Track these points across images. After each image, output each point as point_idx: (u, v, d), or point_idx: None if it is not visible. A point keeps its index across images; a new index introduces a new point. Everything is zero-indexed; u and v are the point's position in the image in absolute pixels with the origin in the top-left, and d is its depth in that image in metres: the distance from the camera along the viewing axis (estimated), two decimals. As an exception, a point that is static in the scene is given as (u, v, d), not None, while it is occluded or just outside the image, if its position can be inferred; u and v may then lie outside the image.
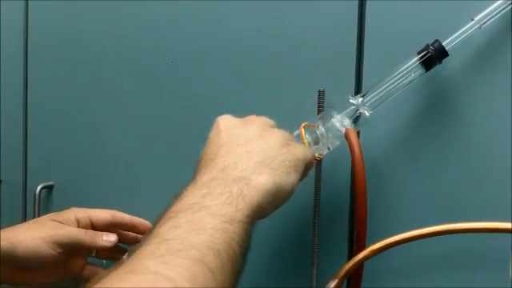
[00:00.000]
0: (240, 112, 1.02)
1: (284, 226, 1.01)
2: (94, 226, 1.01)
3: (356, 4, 0.95)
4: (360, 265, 0.85)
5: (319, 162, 0.95)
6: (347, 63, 0.96)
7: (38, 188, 1.15)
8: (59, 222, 0.98)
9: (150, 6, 1.08)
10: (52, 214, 1.01)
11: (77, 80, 1.15)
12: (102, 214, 1.01)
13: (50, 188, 1.17)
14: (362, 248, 0.85)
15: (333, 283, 0.84)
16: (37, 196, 1.15)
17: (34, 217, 1.15)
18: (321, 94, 0.96)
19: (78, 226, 0.99)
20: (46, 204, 1.17)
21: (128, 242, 1.04)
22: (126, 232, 1.04)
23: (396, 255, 0.90)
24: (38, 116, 1.18)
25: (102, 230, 1.00)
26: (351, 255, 0.95)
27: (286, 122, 0.93)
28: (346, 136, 0.88)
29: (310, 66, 0.98)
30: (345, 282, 0.88)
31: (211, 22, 1.04)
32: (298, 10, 0.98)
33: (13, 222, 1.18)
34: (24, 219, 1.19)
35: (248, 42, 1.02)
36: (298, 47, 0.99)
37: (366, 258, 0.84)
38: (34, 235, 0.95)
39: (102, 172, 1.13)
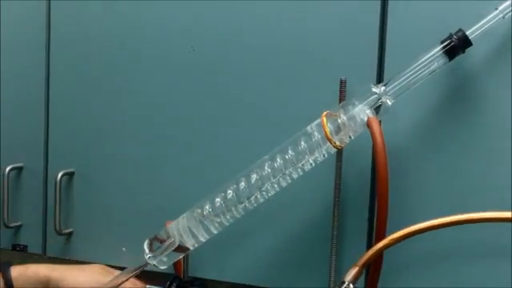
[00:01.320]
0: (264, 101, 1.03)
1: (304, 216, 1.01)
2: None
3: (379, -7, 0.95)
4: (380, 253, 0.86)
5: (340, 151, 0.95)
6: (369, 52, 0.96)
7: (59, 175, 1.16)
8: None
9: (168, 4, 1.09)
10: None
11: (98, 68, 1.15)
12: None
13: (70, 175, 1.17)
14: (383, 237, 0.85)
15: (353, 271, 0.84)
16: (57, 183, 1.15)
17: (54, 204, 1.16)
18: (342, 83, 0.96)
19: None
20: (66, 191, 1.17)
21: None
22: None
23: (416, 245, 0.91)
24: (60, 103, 1.19)
25: None
26: (370, 245, 0.95)
27: (307, 110, 0.93)
28: (368, 125, 0.88)
29: (331, 55, 0.98)
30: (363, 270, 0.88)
31: (237, 11, 1.04)
32: (321, -2, 0.98)
33: (34, 209, 1.20)
34: (45, 206, 1.20)
35: (272, 31, 1.02)
36: (321, 36, 0.99)
37: (386, 246, 0.84)
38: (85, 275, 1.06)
39: (123, 159, 1.14)
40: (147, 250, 0.97)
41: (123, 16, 1.13)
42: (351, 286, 0.82)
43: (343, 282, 0.83)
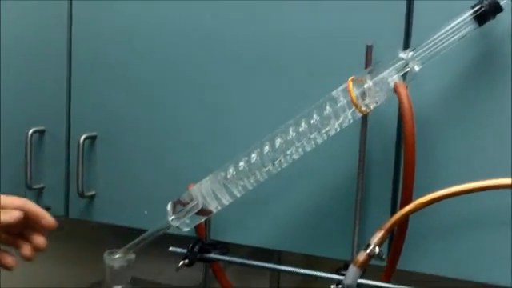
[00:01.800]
0: (290, 67, 1.02)
1: (328, 181, 1.01)
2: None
3: (407, -44, 0.94)
4: (406, 218, 0.86)
5: (365, 116, 0.95)
6: (396, 17, 0.95)
7: (82, 138, 1.16)
8: None
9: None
10: None
11: (122, 30, 1.15)
12: (14, 200, 0.98)
13: (93, 138, 1.18)
14: (409, 201, 0.85)
15: (379, 234, 0.84)
16: (80, 146, 1.16)
17: (77, 167, 1.17)
18: (369, 49, 0.95)
19: None
20: (89, 154, 1.18)
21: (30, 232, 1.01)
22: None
23: (440, 211, 0.91)
24: (82, 66, 1.19)
25: None
26: (394, 211, 0.96)
27: (334, 75, 0.93)
28: (396, 90, 0.87)
29: (358, 20, 0.97)
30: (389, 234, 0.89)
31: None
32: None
33: (56, 171, 1.21)
34: (67, 168, 1.20)
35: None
36: (348, 1, 0.98)
37: (412, 211, 0.84)
38: None
39: (145, 122, 1.14)
40: (170, 212, 0.97)
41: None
42: (377, 248, 0.82)
43: (368, 245, 0.83)
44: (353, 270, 0.82)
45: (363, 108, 0.91)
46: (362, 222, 0.97)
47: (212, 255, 1.06)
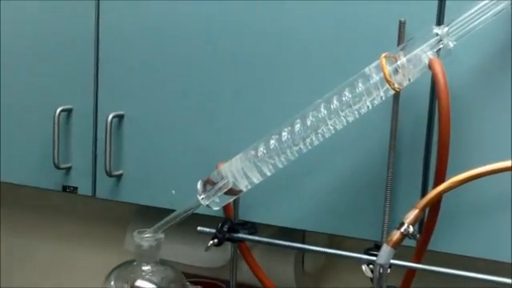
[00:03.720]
0: (322, 44, 1.01)
1: (358, 159, 1.00)
2: None
3: None
4: (440, 196, 0.84)
5: (397, 94, 0.93)
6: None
7: (109, 117, 1.16)
8: None
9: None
10: None
11: (149, 6, 1.14)
12: None
13: (120, 117, 1.17)
14: (443, 180, 0.84)
15: (413, 213, 0.83)
16: (108, 125, 1.16)
17: (105, 146, 1.17)
18: (402, 25, 0.93)
19: None
20: (116, 133, 1.18)
21: None
22: None
23: (473, 190, 0.89)
24: (109, 44, 1.18)
25: None
26: (425, 190, 0.94)
27: (366, 52, 0.91)
28: (430, 66, 0.86)
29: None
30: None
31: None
32: None
33: (83, 151, 1.21)
34: (94, 148, 1.20)
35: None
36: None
37: (446, 189, 0.83)
38: None
39: (173, 101, 1.13)
40: (200, 191, 0.97)
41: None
42: (411, 227, 0.81)
43: (402, 223, 0.82)
44: (386, 250, 0.81)
45: (396, 85, 0.89)
46: (392, 201, 0.96)
47: (241, 235, 1.05)
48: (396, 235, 0.81)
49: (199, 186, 0.97)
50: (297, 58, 1.03)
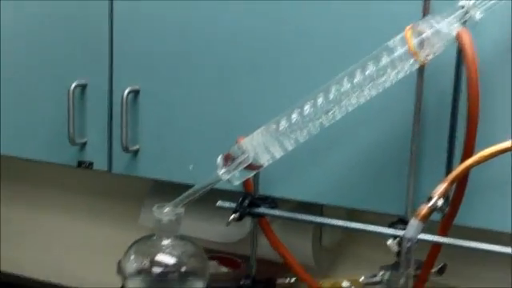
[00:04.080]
0: (345, 15, 0.99)
1: (381, 134, 0.99)
2: None
3: None
4: (467, 171, 0.83)
5: (422, 67, 0.92)
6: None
7: (125, 92, 1.14)
8: None
9: None
10: None
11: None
12: None
13: (136, 92, 1.16)
14: (471, 154, 0.83)
15: (442, 187, 0.81)
16: (123, 100, 1.14)
17: (120, 121, 1.15)
18: (427, -4, 0.92)
19: None
20: (132, 108, 1.16)
21: None
22: None
23: (499, 164, 0.88)
24: (124, 18, 1.16)
25: None
26: (449, 165, 0.94)
27: (391, 25, 0.90)
28: (458, 37, 0.84)
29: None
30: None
31: None
32: None
33: (99, 127, 1.19)
34: (110, 124, 1.19)
35: None
36: None
37: (475, 163, 0.82)
38: None
39: (190, 75, 1.12)
40: (220, 166, 0.96)
41: None
42: (439, 201, 0.80)
43: (431, 198, 0.81)
44: (414, 223, 0.80)
45: (421, 58, 0.88)
46: (416, 175, 0.95)
47: (262, 209, 1.04)
48: (424, 209, 0.80)
49: (219, 160, 0.96)
50: (319, 29, 1.01)
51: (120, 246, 1.32)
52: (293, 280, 1.10)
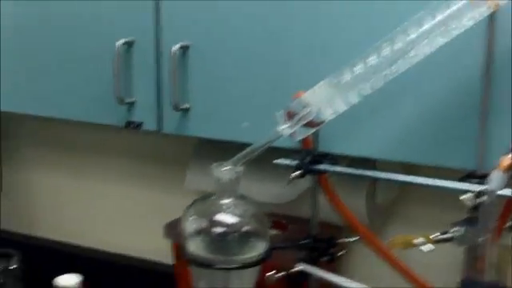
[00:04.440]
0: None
1: (448, 86, 0.94)
2: None
3: None
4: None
5: (493, 14, 0.87)
6: None
7: (174, 48, 1.11)
8: None
9: None
10: None
11: None
12: None
13: (185, 48, 1.12)
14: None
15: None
16: (173, 57, 1.10)
17: (170, 78, 1.12)
18: None
19: None
20: (182, 65, 1.12)
21: None
22: None
23: None
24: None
25: None
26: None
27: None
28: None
29: None
30: None
31: None
32: None
33: (148, 86, 1.16)
34: (159, 82, 1.15)
35: None
36: None
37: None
38: None
39: (242, 29, 1.08)
40: (281, 122, 0.93)
41: None
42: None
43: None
44: (498, 175, 0.76)
45: (493, 3, 0.83)
46: (486, 127, 0.91)
47: (324, 166, 1.01)
48: (508, 160, 0.77)
49: (280, 116, 0.93)
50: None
51: (166, 210, 1.31)
52: (354, 240, 1.08)
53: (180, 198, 1.08)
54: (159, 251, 1.47)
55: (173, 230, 1.31)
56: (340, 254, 1.09)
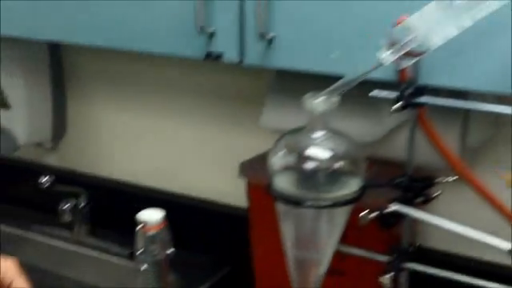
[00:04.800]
0: None
1: None
2: None
3: None
4: None
5: None
6: None
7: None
8: None
9: None
10: None
11: None
12: None
13: None
14: None
15: None
16: None
17: (253, 6, 1.04)
18: None
19: None
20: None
21: None
22: None
23: None
24: None
25: None
26: None
27: None
28: None
29: None
30: None
31: None
32: None
33: (229, 13, 1.09)
34: (241, 9, 1.07)
35: None
36: None
37: None
38: None
39: None
40: (384, 49, 0.85)
41: None
42: None
43: None
44: None
45: None
46: None
47: (426, 99, 0.93)
48: None
49: (383, 42, 0.85)
50: None
51: (240, 149, 1.26)
52: (452, 179, 1.00)
53: (255, 138, 1.02)
54: (231, 193, 1.42)
55: (249, 168, 1.25)
56: (436, 194, 1.02)
